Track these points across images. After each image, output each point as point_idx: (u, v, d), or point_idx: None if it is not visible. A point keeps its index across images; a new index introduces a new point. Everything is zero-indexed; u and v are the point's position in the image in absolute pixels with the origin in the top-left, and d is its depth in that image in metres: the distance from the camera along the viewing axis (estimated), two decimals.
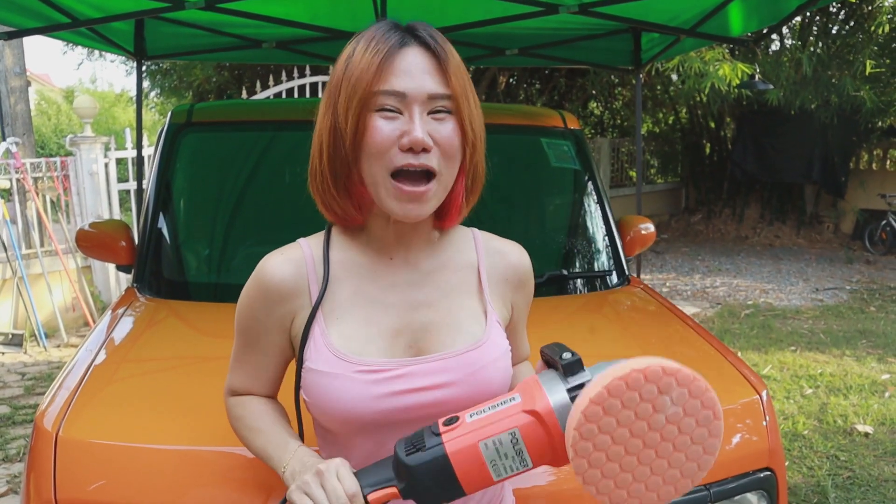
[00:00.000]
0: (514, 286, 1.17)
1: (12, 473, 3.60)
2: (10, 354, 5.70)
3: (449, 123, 1.00)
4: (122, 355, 1.85)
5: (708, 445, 0.88)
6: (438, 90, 0.99)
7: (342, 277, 1.09)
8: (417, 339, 1.07)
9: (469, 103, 1.02)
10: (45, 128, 20.10)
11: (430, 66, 0.99)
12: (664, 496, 0.89)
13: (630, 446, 0.86)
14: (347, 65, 1.00)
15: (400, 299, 1.08)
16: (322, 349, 1.04)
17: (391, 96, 0.97)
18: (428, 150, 0.98)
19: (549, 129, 2.72)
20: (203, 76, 10.08)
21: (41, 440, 1.39)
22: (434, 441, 0.93)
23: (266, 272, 1.08)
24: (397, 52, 0.98)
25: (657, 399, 0.85)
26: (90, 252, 2.44)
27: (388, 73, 0.97)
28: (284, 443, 1.05)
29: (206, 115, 2.59)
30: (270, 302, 1.08)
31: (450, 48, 1.02)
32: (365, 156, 1.00)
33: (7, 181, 6.13)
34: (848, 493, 3.40)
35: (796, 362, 5.33)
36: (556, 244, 2.57)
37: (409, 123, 0.97)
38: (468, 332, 1.08)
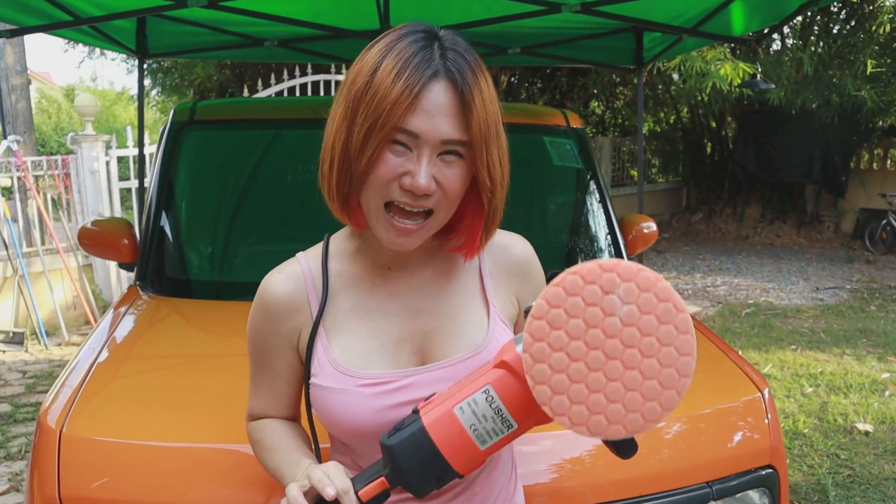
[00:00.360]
0: (518, 278, 1.15)
1: (14, 471, 3.60)
2: (11, 352, 5.71)
3: (456, 168, 0.96)
4: (124, 353, 1.86)
5: (680, 344, 0.78)
6: (454, 136, 0.94)
7: (341, 290, 1.08)
8: (421, 346, 1.07)
9: (489, 150, 0.96)
10: (46, 126, 20.10)
11: (451, 108, 0.93)
12: (650, 414, 0.78)
13: (591, 361, 0.77)
14: (371, 81, 0.93)
15: (401, 308, 1.08)
16: (325, 364, 1.04)
17: (405, 134, 0.93)
18: (430, 196, 0.95)
19: (551, 127, 2.72)
20: (204, 74, 10.08)
21: (45, 437, 1.40)
22: (412, 418, 0.90)
23: (267, 291, 1.08)
24: (424, 88, 0.92)
25: (603, 300, 0.77)
26: (92, 250, 2.44)
27: (411, 111, 0.92)
28: (297, 461, 1.04)
29: (209, 114, 2.59)
30: (275, 320, 1.08)
31: (479, 83, 0.95)
32: (367, 185, 0.97)
33: (8, 179, 6.14)
34: (848, 491, 3.40)
35: (797, 361, 5.34)
36: (558, 243, 2.57)
37: (415, 164, 0.93)
38: (470, 337, 1.06)
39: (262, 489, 1.34)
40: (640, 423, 0.78)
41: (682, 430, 1.55)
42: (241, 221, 2.41)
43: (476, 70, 0.96)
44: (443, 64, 0.93)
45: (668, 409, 0.79)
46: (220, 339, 1.95)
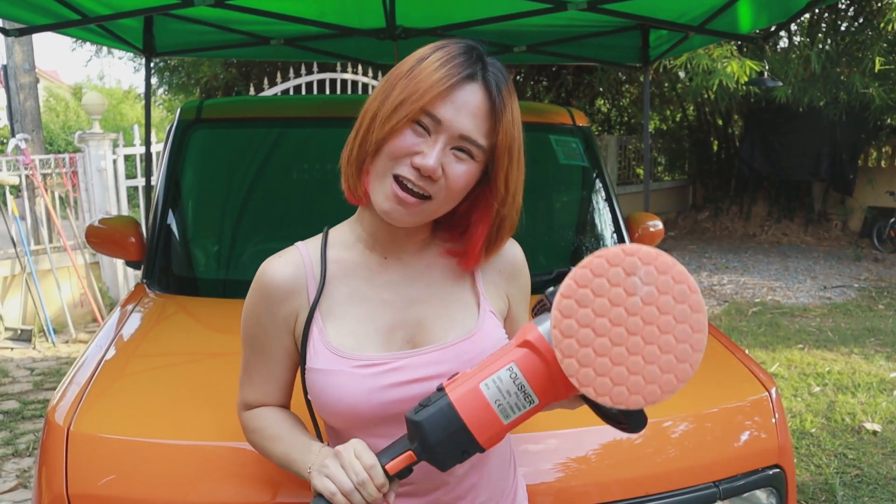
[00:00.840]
0: (507, 277, 1.20)
1: (22, 468, 3.62)
2: (18, 350, 5.74)
3: (464, 166, 1.02)
4: (132, 351, 1.87)
5: (694, 322, 0.85)
6: (473, 136, 1.01)
7: (339, 277, 1.12)
8: (413, 333, 1.10)
9: (510, 162, 1.04)
10: (54, 124, 20.16)
11: (480, 111, 1.01)
12: (666, 386, 0.85)
13: (614, 336, 0.84)
14: (416, 66, 1.01)
15: (395, 296, 1.12)
16: (321, 348, 1.06)
17: (430, 117, 0.99)
18: (434, 180, 1.00)
19: (557, 125, 2.71)
20: (211, 73, 10.11)
21: (53, 435, 1.40)
22: (438, 395, 0.94)
23: (266, 274, 1.11)
24: (461, 83, 1.00)
25: (626, 281, 0.84)
26: (100, 248, 2.45)
27: (442, 98, 0.99)
28: (307, 445, 1.06)
29: (216, 112, 2.60)
30: (273, 303, 1.10)
31: (511, 100, 1.03)
32: (381, 154, 1.02)
33: (16, 177, 6.16)
34: (856, 491, 3.39)
35: (804, 360, 5.32)
36: (564, 241, 2.57)
37: (429, 147, 1.00)
38: (461, 323, 1.11)
39: (268, 486, 1.34)
40: (657, 393, 0.85)
41: (688, 429, 1.55)
42: (248, 219, 2.41)
43: (511, 89, 1.04)
44: (482, 72, 1.02)
45: (683, 380, 0.86)
46: (226, 337, 1.95)
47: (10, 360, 5.48)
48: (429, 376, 1.05)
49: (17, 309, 6.07)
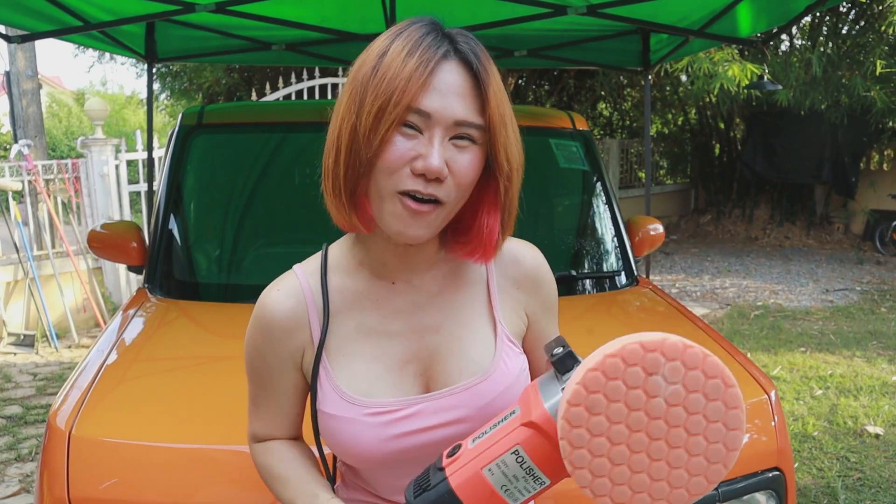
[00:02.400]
0: (526, 291, 1.09)
1: (24, 472, 3.63)
2: (21, 355, 5.75)
3: (469, 154, 0.91)
4: (133, 355, 1.87)
5: (729, 419, 0.75)
6: (468, 118, 0.90)
7: (343, 309, 1.02)
8: (426, 366, 1.02)
9: (506, 132, 0.93)
10: (57, 130, 20.22)
11: (465, 89, 0.90)
12: (695, 489, 0.76)
13: (633, 443, 0.75)
14: (379, 64, 0.89)
15: (405, 326, 1.03)
16: (329, 392, 1.00)
17: (416, 114, 0.88)
18: (441, 181, 0.89)
19: (557, 129, 2.72)
20: (213, 78, 10.12)
21: (54, 439, 1.41)
22: (439, 477, 0.86)
23: (265, 309, 1.02)
24: (438, 65, 0.89)
25: (647, 382, 0.73)
26: (102, 253, 2.46)
27: (425, 88, 0.88)
28: (314, 496, 0.99)
29: (217, 117, 2.61)
30: (276, 340, 1.02)
31: (492, 67, 0.92)
32: (376, 171, 0.91)
33: (19, 183, 6.18)
34: (858, 494, 3.38)
35: (806, 363, 5.31)
36: (564, 245, 2.57)
37: (427, 147, 0.88)
38: (476, 361, 1.02)
39: (269, 490, 1.34)
40: (684, 497, 0.77)
41: None
42: (249, 224, 2.42)
43: (486, 55, 0.93)
44: (453, 46, 0.91)
45: (714, 482, 0.77)
46: (228, 342, 1.96)
47: (13, 366, 5.49)
48: (444, 423, 0.99)
49: (20, 314, 6.08)
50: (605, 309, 2.32)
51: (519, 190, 0.99)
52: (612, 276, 2.48)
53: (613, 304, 2.35)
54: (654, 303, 2.32)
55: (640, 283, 2.50)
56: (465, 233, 1.01)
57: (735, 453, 0.76)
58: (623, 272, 2.49)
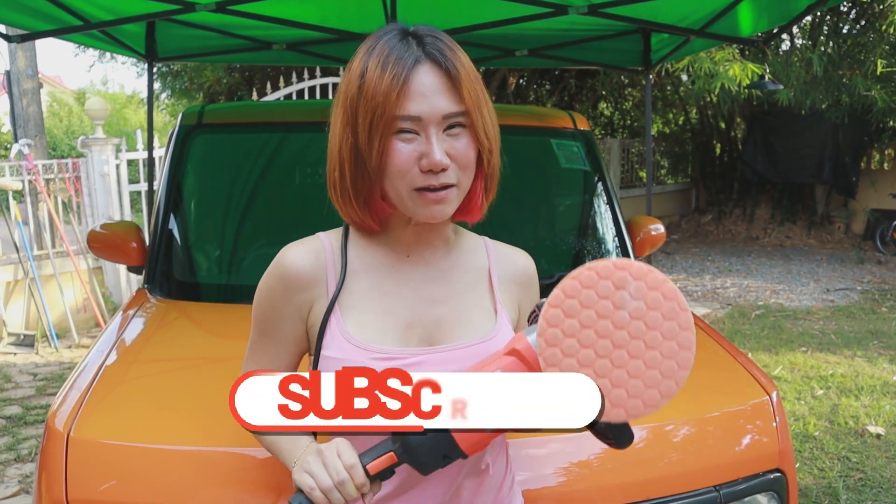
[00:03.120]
0: (521, 287, 1.22)
1: (24, 473, 3.63)
2: (21, 355, 5.75)
3: (463, 138, 1.04)
4: (133, 356, 1.87)
5: (682, 339, 0.85)
6: (452, 109, 1.02)
7: (360, 271, 1.12)
8: (430, 332, 1.11)
9: (482, 114, 1.05)
10: (57, 129, 20.23)
11: (442, 86, 1.02)
12: (650, 400, 0.86)
13: (599, 348, 0.85)
14: (362, 83, 1.02)
15: (415, 294, 1.12)
16: (338, 337, 1.07)
17: (408, 120, 1.00)
18: (446, 170, 1.02)
19: (558, 129, 2.72)
20: (214, 78, 10.12)
21: (53, 440, 1.40)
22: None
23: (286, 261, 1.11)
24: (411, 73, 1.00)
25: (615, 295, 0.84)
26: (101, 253, 2.45)
27: (405, 97, 1.00)
28: (296, 438, 1.07)
29: (217, 117, 2.61)
30: (290, 290, 1.10)
31: (460, 59, 1.04)
32: (387, 176, 1.03)
33: (19, 182, 6.18)
34: (859, 494, 3.38)
35: (807, 363, 5.31)
36: (566, 245, 2.57)
37: (426, 145, 1.01)
38: (479, 326, 1.12)
39: (269, 492, 1.34)
40: (640, 408, 0.86)
41: (689, 433, 1.55)
42: (250, 224, 2.41)
43: (453, 48, 1.04)
44: (422, 49, 1.02)
45: (667, 397, 0.86)
46: (228, 342, 1.95)
47: (13, 366, 5.49)
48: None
49: (20, 314, 6.07)
50: None
51: (499, 159, 1.12)
52: None
53: None
54: None
55: None
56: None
57: (685, 372, 0.85)
58: None
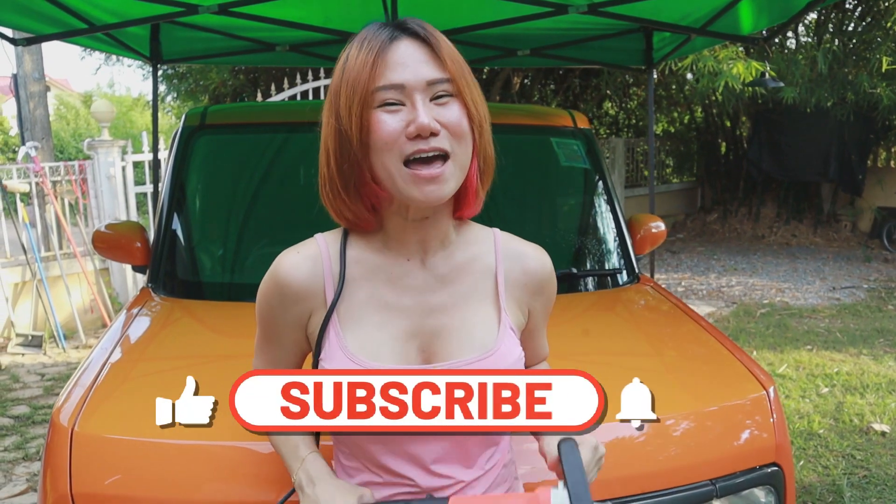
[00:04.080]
0: (531, 292, 1.16)
1: (31, 472, 3.66)
2: (29, 355, 5.79)
3: (454, 106, 1.00)
4: (137, 353, 1.89)
5: None
6: (436, 75, 0.99)
7: (358, 278, 1.09)
8: (429, 343, 1.08)
9: (469, 85, 1.02)
10: (65, 132, 20.32)
11: (423, 55, 1.00)
12: None
13: None
14: (344, 69, 1.01)
15: (414, 303, 1.09)
16: (337, 351, 1.05)
17: (390, 90, 0.98)
18: (436, 134, 0.98)
19: (559, 128, 2.73)
20: (219, 80, 10.16)
21: (57, 436, 1.43)
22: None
23: (282, 270, 1.09)
24: (388, 46, 0.99)
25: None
26: (106, 253, 2.48)
27: (384, 68, 0.98)
28: (295, 446, 1.09)
29: (220, 118, 2.63)
30: (286, 300, 1.09)
31: (441, 36, 1.03)
32: (374, 152, 0.99)
33: (26, 185, 6.22)
34: (864, 492, 3.38)
35: (812, 361, 5.30)
36: (566, 242, 2.58)
37: (412, 112, 0.97)
38: (479, 340, 1.08)
39: (272, 486, 1.35)
40: None
41: (686, 427, 1.56)
42: (252, 223, 2.44)
43: (432, 29, 1.03)
44: (400, 28, 1.02)
45: None
46: (231, 340, 1.97)
47: (21, 366, 5.53)
48: None
49: (28, 315, 6.12)
50: (605, 306, 2.33)
51: (490, 140, 1.07)
52: (614, 274, 2.49)
53: (614, 302, 2.35)
54: (655, 300, 2.33)
55: (641, 281, 2.50)
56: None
57: None
58: (624, 270, 2.50)
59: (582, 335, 2.03)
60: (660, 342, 2.04)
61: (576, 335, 2.01)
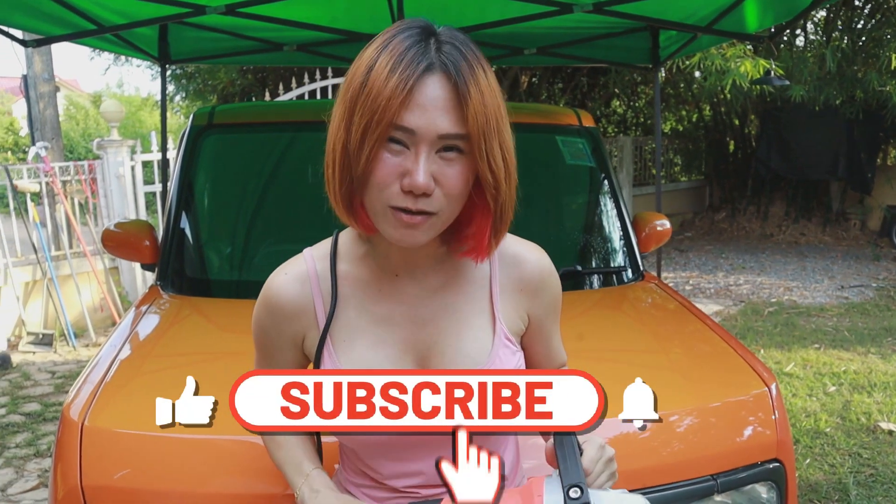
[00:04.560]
0: (529, 295, 1.13)
1: (43, 468, 3.71)
2: (40, 353, 5.84)
3: (457, 165, 0.94)
4: (146, 350, 1.92)
5: None
6: (451, 130, 0.92)
7: (348, 295, 1.08)
8: (423, 356, 1.08)
9: (489, 142, 0.93)
10: (74, 132, 20.45)
11: (447, 102, 0.91)
12: None
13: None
14: (367, 79, 0.92)
15: (406, 317, 1.08)
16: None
17: (400, 130, 0.91)
18: (429, 195, 0.93)
19: (564, 126, 2.75)
20: (227, 79, 10.22)
21: (68, 430, 1.45)
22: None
23: (272, 293, 1.09)
24: (421, 81, 0.91)
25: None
26: (115, 251, 2.51)
27: (405, 107, 0.90)
28: (299, 463, 1.10)
29: (227, 117, 2.66)
30: (278, 321, 1.10)
31: (477, 77, 0.93)
32: (368, 186, 0.95)
33: (37, 184, 6.28)
34: (870, 490, 3.38)
35: (820, 360, 5.29)
36: (570, 240, 2.60)
37: (413, 163, 0.92)
38: (472, 355, 1.07)
39: (280, 480, 1.37)
40: None
41: (688, 423, 1.57)
42: (260, 222, 2.47)
43: (473, 62, 0.93)
44: (437, 57, 0.92)
45: None
46: (238, 337, 1.99)
47: (31, 364, 5.59)
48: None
49: (39, 313, 6.18)
50: (610, 303, 2.35)
51: (513, 197, 1.00)
52: (619, 272, 2.50)
53: (618, 299, 2.37)
54: (659, 297, 2.34)
55: (646, 279, 2.51)
56: (460, 232, 1.04)
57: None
58: (629, 267, 2.51)
59: (586, 332, 2.05)
60: (663, 339, 2.05)
61: (579, 333, 2.02)
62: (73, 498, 1.36)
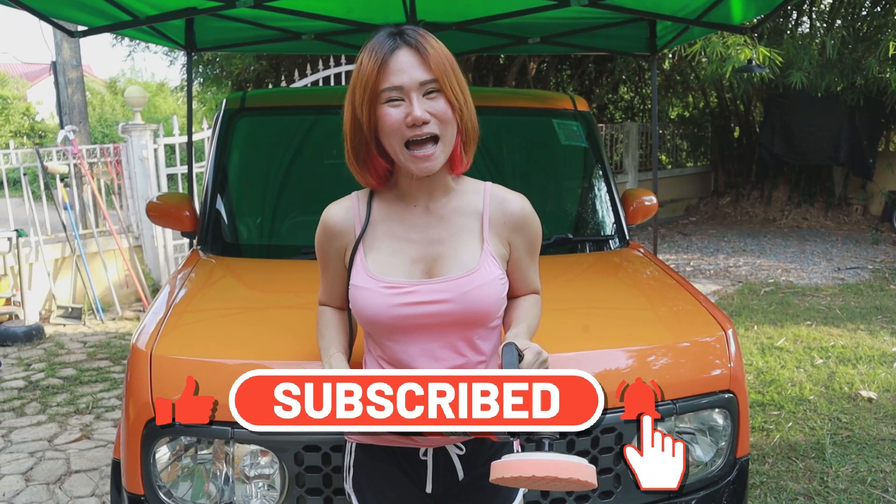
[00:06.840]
0: (511, 228, 1.49)
1: (83, 423, 4.03)
2: (70, 326, 6.18)
3: (440, 100, 1.35)
4: (194, 297, 2.24)
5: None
6: (426, 77, 1.33)
7: (378, 220, 1.47)
8: (430, 266, 1.43)
9: (451, 80, 1.36)
10: (91, 117, 20.72)
11: (416, 61, 1.34)
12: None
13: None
14: (359, 71, 1.36)
15: (419, 237, 1.45)
16: (360, 271, 1.43)
17: (393, 90, 1.32)
18: (427, 123, 1.33)
19: (559, 110, 3.02)
20: (242, 66, 10.46)
21: (137, 358, 1.75)
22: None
23: (325, 216, 1.50)
24: (391, 56, 1.33)
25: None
26: (158, 220, 2.82)
27: (387, 73, 1.32)
28: (328, 347, 1.49)
29: (258, 102, 2.96)
30: (328, 237, 1.49)
31: (430, 43, 1.35)
32: (384, 136, 1.36)
33: (66, 166, 6.58)
34: (845, 449, 3.60)
35: (810, 335, 5.50)
36: (564, 212, 2.89)
37: (410, 107, 1.32)
38: (465, 263, 1.42)
39: None
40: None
41: (652, 358, 1.86)
42: (286, 194, 2.78)
43: (426, 36, 1.36)
44: (401, 38, 1.35)
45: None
46: (272, 287, 2.35)
47: (63, 335, 5.92)
48: (434, 301, 1.39)
49: (68, 288, 6.52)
50: (597, 266, 2.65)
51: (473, 118, 1.41)
52: (606, 240, 2.79)
53: (604, 262, 2.67)
54: (640, 261, 2.63)
55: (630, 246, 2.80)
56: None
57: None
58: (616, 236, 2.80)
59: (576, 287, 2.34)
60: (640, 292, 2.36)
61: (571, 288, 2.32)
62: (146, 411, 1.66)
